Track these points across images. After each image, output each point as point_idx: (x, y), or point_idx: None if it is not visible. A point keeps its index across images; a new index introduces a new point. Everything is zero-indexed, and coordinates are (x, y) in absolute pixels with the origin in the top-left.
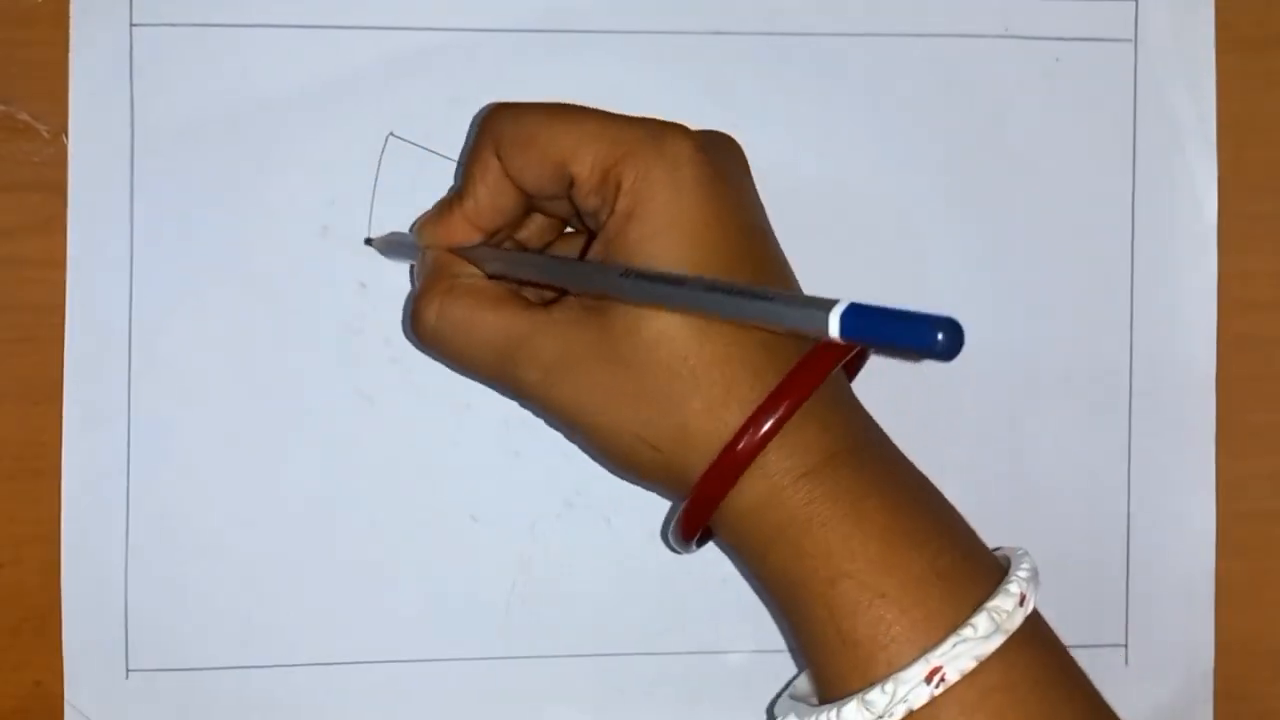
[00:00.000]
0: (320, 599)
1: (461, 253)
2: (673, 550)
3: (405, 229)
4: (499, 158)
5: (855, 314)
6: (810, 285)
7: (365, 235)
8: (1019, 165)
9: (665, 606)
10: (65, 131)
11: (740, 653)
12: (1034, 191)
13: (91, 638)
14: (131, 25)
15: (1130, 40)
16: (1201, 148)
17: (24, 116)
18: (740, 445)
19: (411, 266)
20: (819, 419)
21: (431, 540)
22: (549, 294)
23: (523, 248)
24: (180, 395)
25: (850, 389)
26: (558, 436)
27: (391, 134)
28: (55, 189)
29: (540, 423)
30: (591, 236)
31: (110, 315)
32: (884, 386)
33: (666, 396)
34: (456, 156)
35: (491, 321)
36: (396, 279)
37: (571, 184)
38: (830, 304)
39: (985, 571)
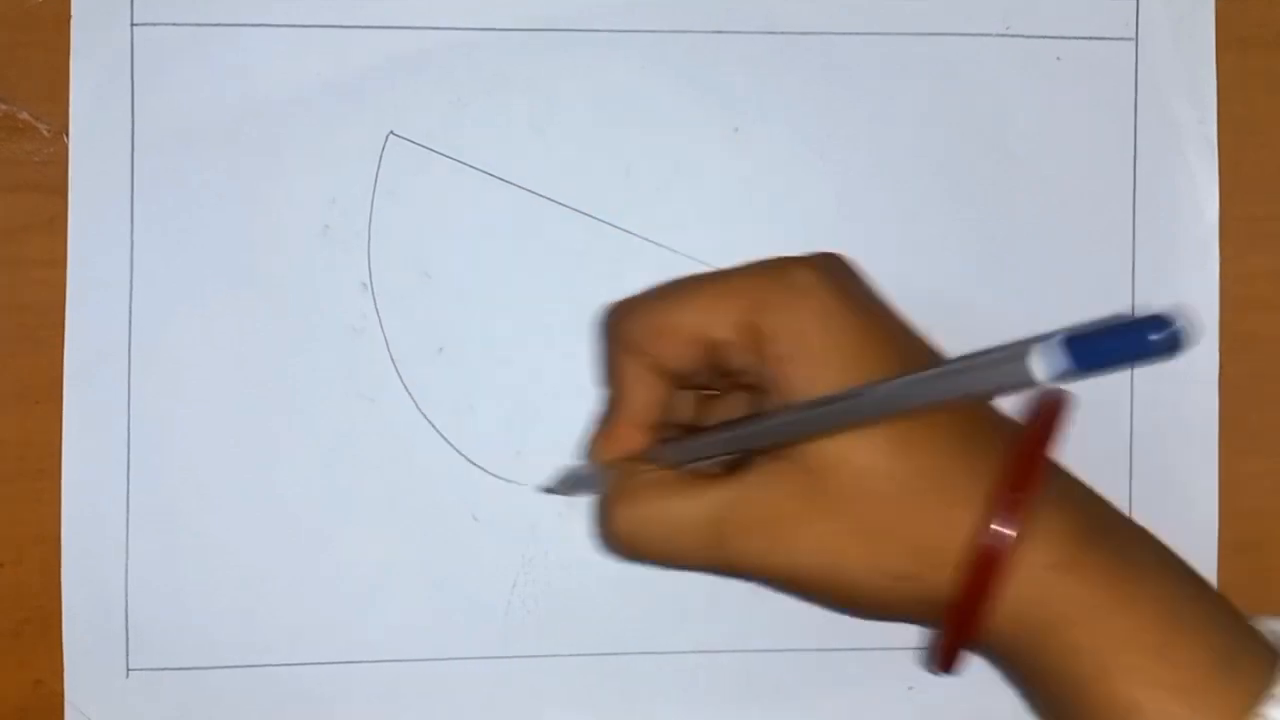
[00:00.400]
0: (321, 599)
1: (643, 459)
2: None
3: (406, 230)
4: (636, 356)
5: (1071, 345)
6: None
7: (366, 235)
8: (1019, 164)
9: (665, 606)
10: (66, 131)
11: (740, 652)
12: (1034, 191)
13: (92, 637)
14: (133, 25)
15: (1131, 39)
16: (1202, 147)
17: (25, 116)
18: (990, 541)
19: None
20: (1054, 499)
21: (432, 540)
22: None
23: (687, 430)
24: (181, 395)
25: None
26: (559, 436)
27: (392, 133)
28: (56, 189)
29: (541, 422)
30: (733, 389)
31: (111, 315)
32: None
33: (892, 522)
34: (457, 155)
35: (688, 507)
36: (397, 278)
37: (715, 351)
38: (1030, 346)
39: (1261, 650)
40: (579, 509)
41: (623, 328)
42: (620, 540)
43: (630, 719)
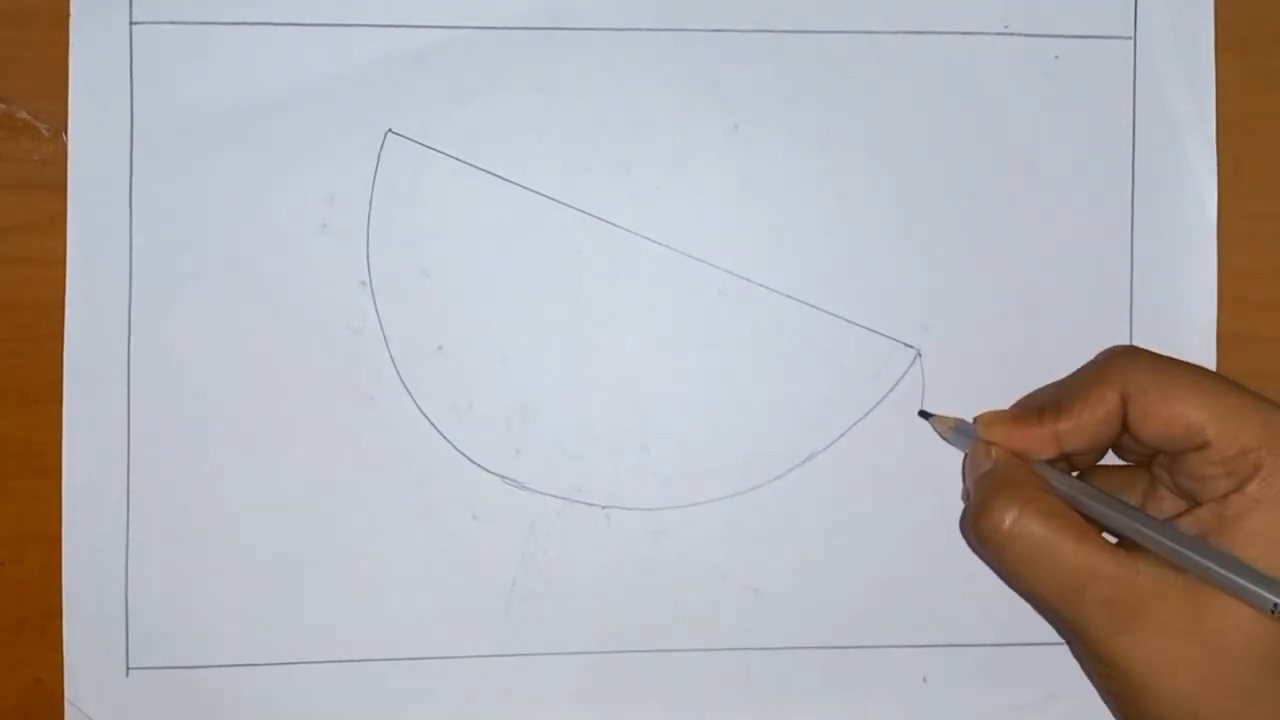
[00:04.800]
0: (320, 597)
1: (1034, 466)
2: None
3: (405, 228)
4: (1124, 397)
5: None
6: (810, 283)
7: (365, 233)
8: (1018, 163)
9: (665, 604)
10: (65, 130)
11: (740, 651)
12: (1033, 189)
13: (92, 636)
14: (131, 23)
15: (1130, 38)
16: (1201, 145)
17: (24, 115)
18: None
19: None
20: None
21: (432, 538)
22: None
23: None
24: (180, 393)
25: None
26: (558, 434)
27: (391, 131)
28: (55, 187)
29: (541, 421)
30: (1150, 483)
31: (110, 313)
32: (883, 387)
33: (1256, 692)
34: (456, 154)
35: (1073, 551)
36: (396, 277)
37: (1196, 448)
38: None
39: None
40: (578, 508)
41: (1130, 368)
42: (992, 534)
43: (630, 717)
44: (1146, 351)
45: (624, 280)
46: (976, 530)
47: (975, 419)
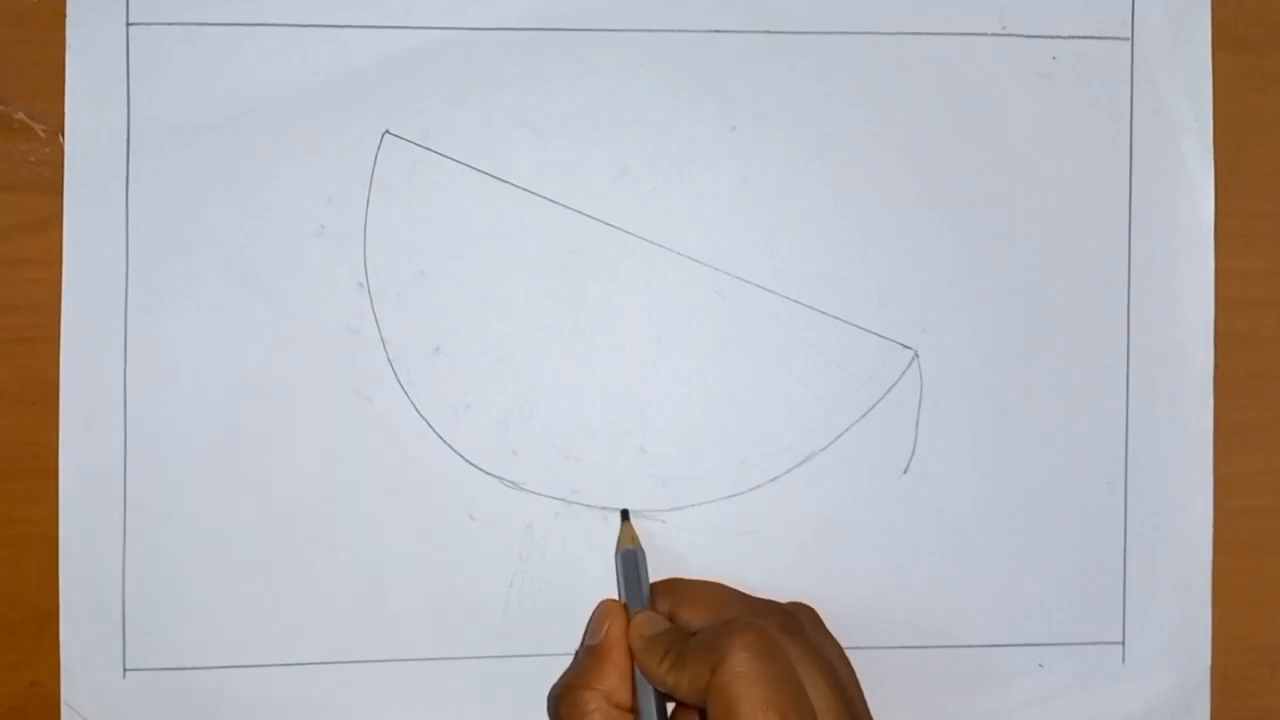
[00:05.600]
0: (318, 598)
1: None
2: None
3: (402, 229)
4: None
5: None
6: (807, 284)
7: (362, 234)
8: (1016, 163)
9: None
10: (62, 131)
11: None
12: (1031, 189)
13: (89, 637)
14: (128, 24)
15: (1127, 39)
16: (1198, 146)
17: (20, 116)
18: None
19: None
20: None
21: (430, 539)
22: None
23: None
24: (177, 394)
25: None
26: (556, 436)
27: (388, 132)
28: (51, 188)
29: (538, 422)
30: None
31: (106, 314)
32: (881, 387)
33: None
34: (452, 155)
35: None
36: (393, 278)
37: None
38: None
39: None
40: (575, 509)
41: (736, 676)
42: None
43: None
44: (760, 650)
45: (622, 281)
46: (556, 703)
47: (652, 589)
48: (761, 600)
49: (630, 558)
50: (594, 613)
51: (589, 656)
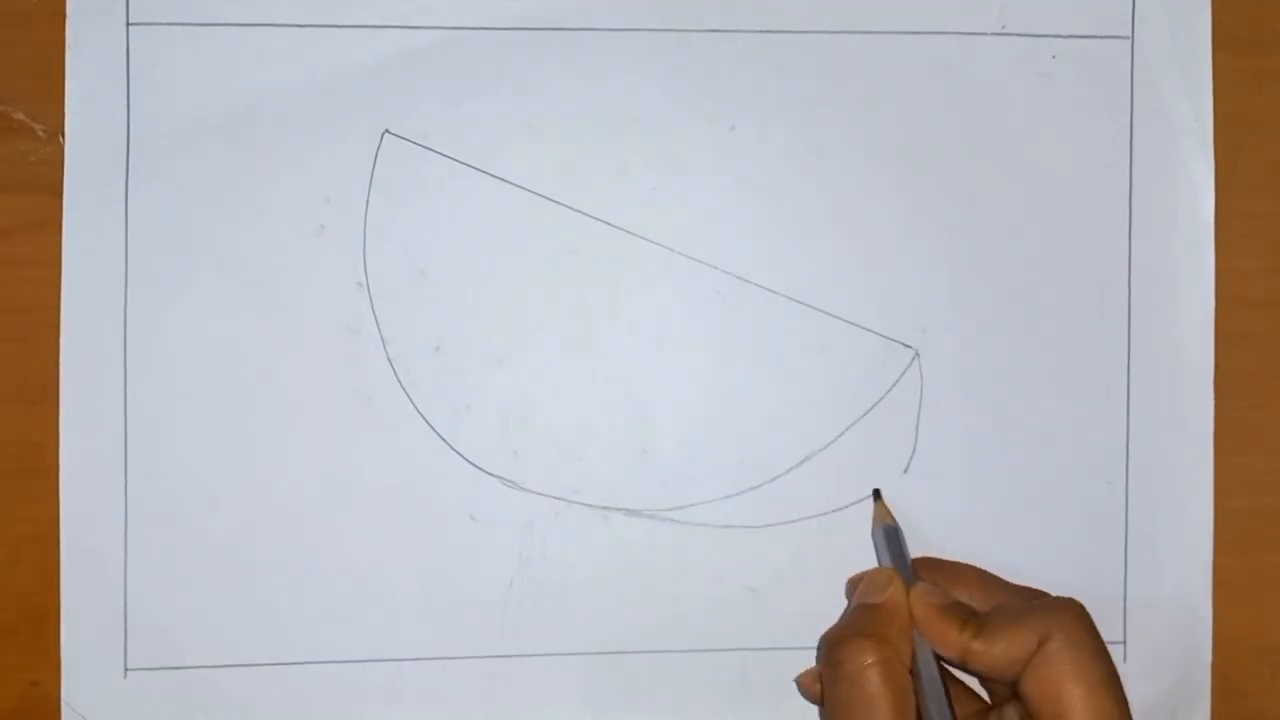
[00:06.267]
0: (318, 598)
1: (916, 635)
2: None
3: (402, 229)
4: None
5: None
6: (807, 284)
7: (362, 234)
8: (1016, 163)
9: (663, 605)
10: (61, 131)
11: (740, 651)
12: (1031, 188)
13: (90, 637)
14: (128, 24)
15: (1127, 38)
16: (1198, 145)
17: (20, 116)
18: None
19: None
20: None
21: (429, 539)
22: None
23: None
24: (177, 394)
25: None
26: (556, 435)
27: (387, 131)
28: (51, 189)
29: (538, 421)
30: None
31: (106, 315)
32: (881, 387)
33: None
34: (452, 154)
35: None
36: (393, 277)
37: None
38: None
39: None
40: (576, 509)
41: (1074, 639)
42: (841, 663)
43: (628, 717)
44: (1090, 627)
45: (621, 281)
46: (833, 647)
47: (914, 564)
48: (1028, 588)
49: (892, 533)
50: (867, 577)
51: (872, 611)
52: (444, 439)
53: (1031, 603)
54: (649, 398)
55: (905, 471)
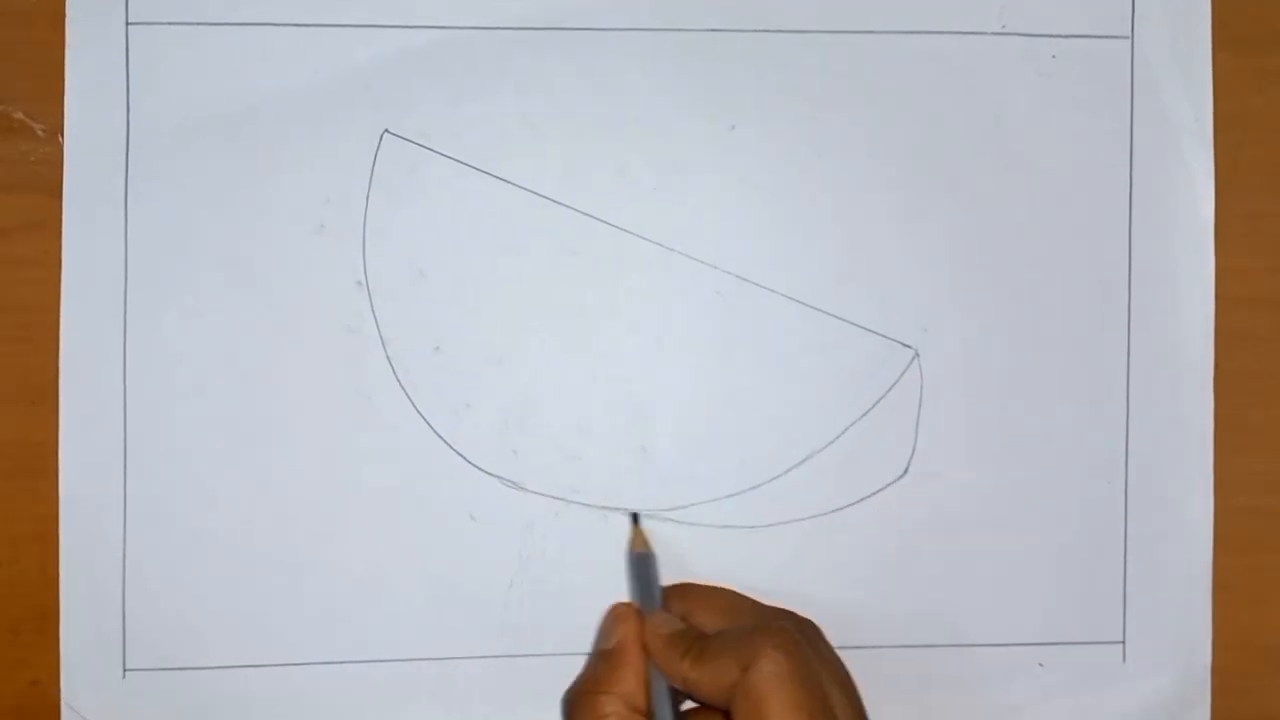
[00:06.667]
0: (318, 598)
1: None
2: None
3: (401, 228)
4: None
5: None
6: (807, 284)
7: (361, 234)
8: (1015, 162)
9: None
10: (61, 131)
11: None
12: (1031, 188)
13: (89, 637)
14: (128, 24)
15: (1127, 37)
16: (1198, 145)
17: (19, 116)
18: None
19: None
20: None
21: (429, 539)
22: None
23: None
24: (177, 394)
25: None
26: (556, 435)
27: (387, 131)
28: (50, 189)
29: (539, 421)
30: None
31: (106, 314)
32: (881, 387)
33: None
34: (452, 154)
35: None
36: (393, 277)
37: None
38: None
39: None
40: (576, 509)
41: (767, 672)
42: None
43: None
44: (795, 652)
45: (621, 281)
46: (569, 706)
47: (665, 592)
48: (774, 608)
49: (642, 561)
50: (605, 616)
51: (603, 660)
52: (444, 439)
53: (748, 626)
54: (649, 398)
55: (905, 471)
